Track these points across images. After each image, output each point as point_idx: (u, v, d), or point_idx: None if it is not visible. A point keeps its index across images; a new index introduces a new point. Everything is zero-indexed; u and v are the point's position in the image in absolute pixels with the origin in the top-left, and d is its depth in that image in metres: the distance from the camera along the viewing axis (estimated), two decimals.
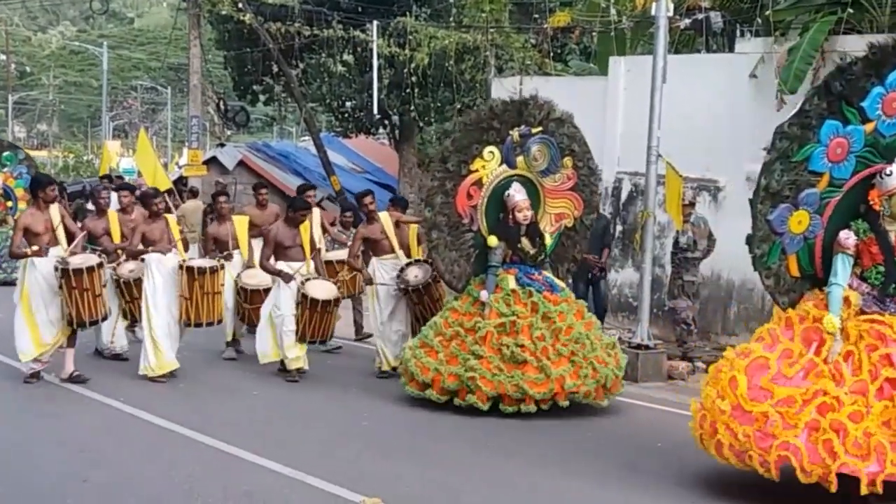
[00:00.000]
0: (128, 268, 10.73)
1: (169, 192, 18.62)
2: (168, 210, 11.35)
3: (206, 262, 10.56)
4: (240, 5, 19.24)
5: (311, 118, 21.63)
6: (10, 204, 18.05)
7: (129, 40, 76.33)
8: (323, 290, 10.32)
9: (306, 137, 27.31)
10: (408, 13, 19.49)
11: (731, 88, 12.37)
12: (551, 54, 17.07)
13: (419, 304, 10.45)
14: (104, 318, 10.18)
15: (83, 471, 7.05)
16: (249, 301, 11.14)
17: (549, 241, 9.52)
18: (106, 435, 8.14)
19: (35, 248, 9.65)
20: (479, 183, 9.30)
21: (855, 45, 11.37)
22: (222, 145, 24.21)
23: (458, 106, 20.46)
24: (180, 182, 20.99)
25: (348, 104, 22.10)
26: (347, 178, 22.37)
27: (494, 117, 9.25)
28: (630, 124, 13.27)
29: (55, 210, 9.99)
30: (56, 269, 9.62)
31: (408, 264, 10.65)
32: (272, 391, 9.91)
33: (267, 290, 10.74)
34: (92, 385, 9.75)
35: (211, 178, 21.40)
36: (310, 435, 8.26)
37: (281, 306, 10.25)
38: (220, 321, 10.77)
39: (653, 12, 11.64)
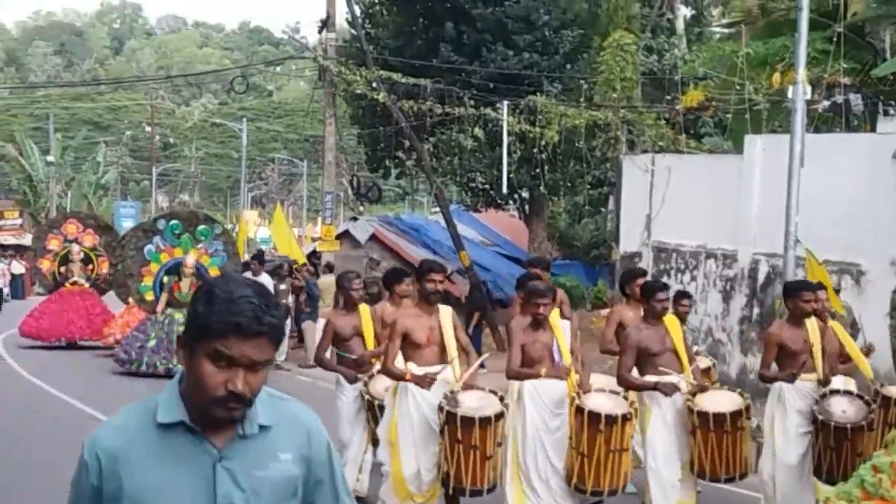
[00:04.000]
0: (383, 384, 7.72)
1: (304, 265, 19.12)
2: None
3: (616, 406, 7.11)
4: (374, 84, 19.71)
5: (442, 192, 21.89)
6: None
7: (267, 113, 79.18)
8: (720, 400, 7.41)
9: (437, 210, 27.68)
10: (538, 91, 19.64)
11: (873, 169, 12.03)
12: (684, 132, 16.89)
13: (834, 450, 7.39)
14: (491, 490, 7.15)
15: None
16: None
17: None
18: None
19: (416, 372, 7.09)
20: None
21: None
22: (355, 219, 24.72)
23: (589, 180, 20.41)
24: (313, 255, 21.44)
25: (478, 178, 22.30)
26: (477, 252, 22.48)
27: None
28: (766, 204, 13.01)
29: (446, 315, 7.20)
30: (441, 409, 6.93)
31: (832, 391, 7.54)
32: None
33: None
34: None
35: (344, 251, 21.78)
36: None
37: (655, 442, 7.33)
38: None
39: (789, 95, 11.47)
